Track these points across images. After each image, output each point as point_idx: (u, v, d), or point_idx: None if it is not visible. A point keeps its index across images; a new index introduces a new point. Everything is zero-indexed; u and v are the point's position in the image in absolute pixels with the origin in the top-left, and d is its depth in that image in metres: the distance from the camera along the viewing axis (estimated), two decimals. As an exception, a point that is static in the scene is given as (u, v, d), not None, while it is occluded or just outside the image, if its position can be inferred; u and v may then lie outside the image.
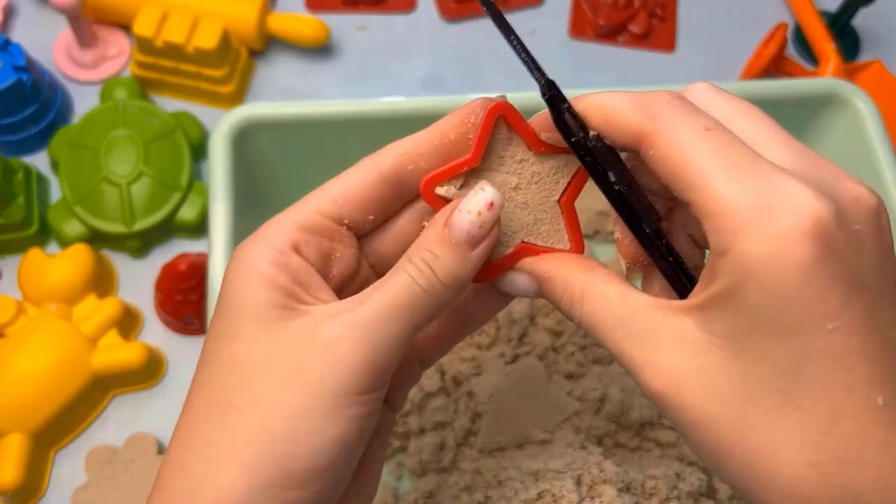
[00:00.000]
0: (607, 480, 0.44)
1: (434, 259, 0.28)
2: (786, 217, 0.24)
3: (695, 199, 0.25)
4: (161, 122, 0.57)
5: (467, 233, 0.28)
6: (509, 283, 0.31)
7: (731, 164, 0.25)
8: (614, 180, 0.28)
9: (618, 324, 0.28)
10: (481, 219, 0.28)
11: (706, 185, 0.25)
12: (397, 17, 0.67)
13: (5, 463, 0.48)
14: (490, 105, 0.30)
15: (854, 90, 0.50)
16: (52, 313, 0.52)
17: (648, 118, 0.27)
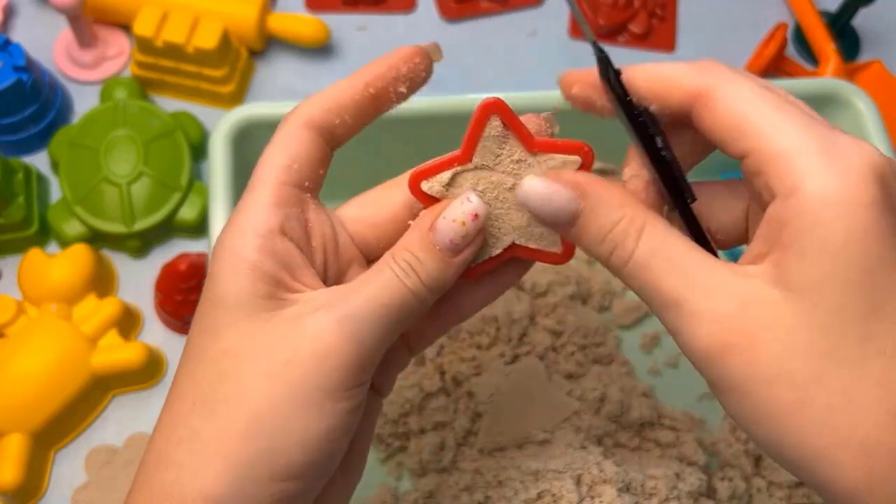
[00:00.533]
0: (607, 480, 0.44)
1: (417, 263, 0.28)
2: (853, 159, 0.24)
3: (758, 146, 0.25)
4: (161, 122, 0.57)
5: (450, 241, 0.28)
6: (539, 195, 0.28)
7: (793, 116, 0.25)
8: (661, 146, 0.28)
9: (679, 269, 0.26)
10: (465, 228, 0.28)
11: (773, 130, 0.25)
12: (397, 17, 0.67)
13: (5, 463, 0.48)
14: (482, 102, 0.29)
15: (854, 90, 0.50)
16: (52, 313, 0.52)
17: (707, 76, 0.27)
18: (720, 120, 0.26)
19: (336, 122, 0.31)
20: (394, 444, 0.49)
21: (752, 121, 0.26)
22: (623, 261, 0.27)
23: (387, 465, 0.49)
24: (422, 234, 0.29)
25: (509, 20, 0.67)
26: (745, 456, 0.49)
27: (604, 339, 0.52)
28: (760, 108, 0.26)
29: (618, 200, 0.27)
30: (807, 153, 0.25)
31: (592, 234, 0.28)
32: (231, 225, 0.29)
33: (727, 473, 0.49)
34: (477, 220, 0.28)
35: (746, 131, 0.26)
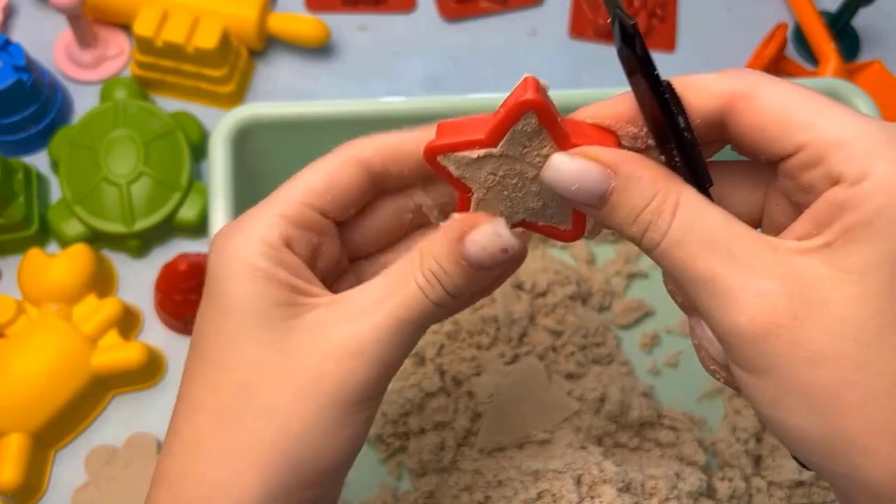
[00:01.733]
0: (607, 480, 0.44)
1: (443, 275, 0.28)
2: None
3: (817, 136, 0.25)
4: (161, 122, 0.57)
5: (478, 262, 0.28)
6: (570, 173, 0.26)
7: (842, 108, 0.25)
8: (684, 126, 0.26)
9: (717, 244, 0.25)
10: (495, 260, 0.28)
11: (830, 120, 0.25)
12: (397, 17, 0.67)
13: (5, 463, 0.48)
14: (520, 99, 0.27)
15: (854, 90, 0.50)
16: (52, 313, 0.52)
17: (740, 80, 0.26)
18: (766, 117, 0.25)
19: (393, 171, 0.30)
20: (394, 444, 0.49)
21: (805, 114, 0.25)
22: (656, 240, 0.26)
23: (387, 465, 0.49)
24: (451, 246, 0.28)
25: (509, 20, 0.67)
26: (745, 456, 0.49)
27: (604, 339, 0.52)
28: (808, 102, 0.25)
29: (650, 176, 0.26)
30: (873, 141, 0.24)
31: (624, 214, 0.26)
32: (237, 228, 0.29)
33: (727, 473, 0.49)
34: (506, 253, 0.28)
35: (800, 124, 0.25)
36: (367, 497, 0.48)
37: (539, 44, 0.66)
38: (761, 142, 0.26)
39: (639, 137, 0.28)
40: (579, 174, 0.26)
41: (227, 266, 0.28)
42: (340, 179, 0.29)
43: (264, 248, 0.28)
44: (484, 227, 0.28)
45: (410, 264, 0.28)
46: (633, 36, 0.25)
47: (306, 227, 0.29)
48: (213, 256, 0.29)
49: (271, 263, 0.28)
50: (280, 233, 0.28)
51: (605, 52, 0.66)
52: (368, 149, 0.30)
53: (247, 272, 0.28)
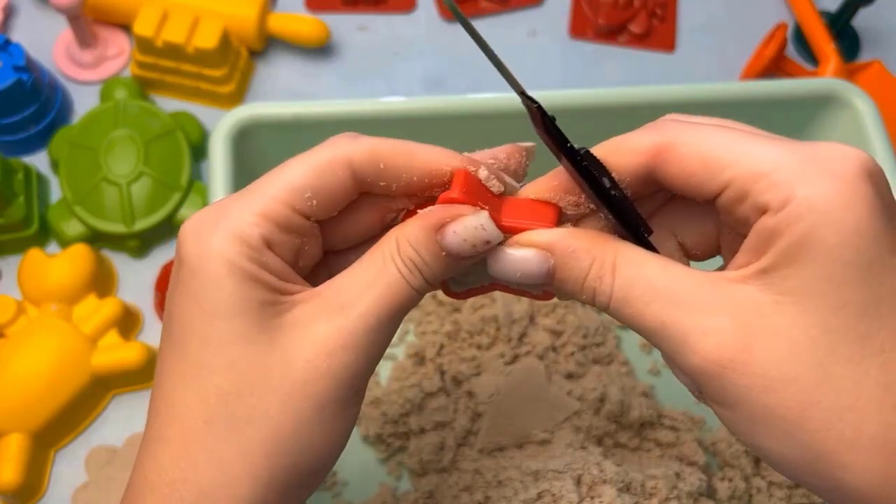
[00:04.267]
0: (607, 480, 0.44)
1: (422, 263, 0.28)
2: (837, 162, 0.24)
3: (739, 172, 0.25)
4: (161, 122, 0.57)
5: (457, 254, 0.28)
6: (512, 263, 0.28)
7: (762, 139, 0.26)
8: (609, 186, 0.27)
9: (659, 293, 0.26)
10: (474, 250, 0.28)
11: (750, 154, 0.25)
12: (397, 17, 0.67)
13: (5, 463, 0.48)
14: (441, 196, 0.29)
15: (854, 90, 0.50)
16: (52, 313, 0.52)
17: (661, 132, 0.27)
18: (689, 163, 0.26)
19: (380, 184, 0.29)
20: (394, 444, 0.49)
21: (725, 152, 0.26)
22: (605, 302, 0.27)
23: (387, 465, 0.49)
24: (429, 236, 0.28)
25: (509, 20, 0.67)
26: (745, 456, 0.49)
27: (604, 339, 0.52)
28: (728, 140, 0.26)
29: (584, 246, 0.27)
30: (792, 164, 0.25)
31: (570, 286, 0.28)
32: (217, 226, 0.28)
33: (727, 473, 0.49)
34: (488, 245, 0.28)
35: (721, 163, 0.26)
36: (367, 497, 0.48)
37: (539, 44, 0.66)
38: (691, 186, 0.27)
39: (580, 204, 0.29)
40: (520, 262, 0.28)
41: (208, 264, 0.27)
42: (327, 183, 0.28)
43: (246, 248, 0.27)
44: (467, 219, 0.28)
45: (388, 251, 0.28)
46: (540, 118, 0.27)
47: (289, 230, 0.28)
48: (190, 250, 0.28)
49: (254, 265, 0.27)
50: (261, 234, 0.28)
51: (606, 52, 0.66)
52: (361, 154, 0.29)
53: (230, 273, 0.27)
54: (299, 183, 0.28)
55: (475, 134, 0.50)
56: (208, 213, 0.28)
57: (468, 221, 0.28)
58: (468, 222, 0.28)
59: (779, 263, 0.24)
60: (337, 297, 0.28)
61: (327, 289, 0.28)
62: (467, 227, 0.28)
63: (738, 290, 0.25)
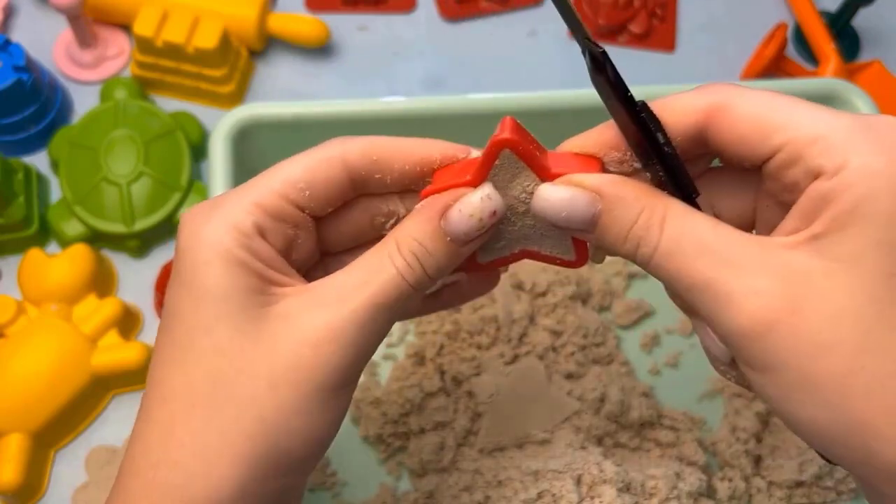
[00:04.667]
0: (607, 480, 0.44)
1: (425, 254, 0.28)
2: (890, 133, 0.25)
3: (794, 135, 0.25)
4: (161, 122, 0.57)
5: (464, 234, 0.28)
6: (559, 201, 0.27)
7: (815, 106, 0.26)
8: (663, 142, 0.27)
9: (708, 250, 0.26)
10: (482, 224, 0.28)
11: (804, 119, 0.25)
12: (397, 17, 0.67)
13: (5, 463, 0.48)
14: (495, 139, 0.28)
15: (854, 90, 0.50)
16: (52, 313, 0.52)
17: (715, 94, 0.27)
18: (743, 124, 0.26)
19: (375, 177, 0.30)
20: (394, 444, 0.49)
21: (779, 116, 0.26)
22: (649, 254, 0.27)
23: (387, 465, 0.49)
24: (432, 223, 0.28)
25: (509, 20, 0.67)
26: (745, 456, 0.49)
27: (604, 339, 0.52)
28: (782, 105, 0.26)
29: (634, 194, 0.27)
30: (847, 131, 0.25)
31: (615, 234, 0.27)
32: (211, 210, 0.28)
33: (727, 473, 0.49)
34: (494, 216, 0.28)
35: (776, 126, 0.26)
36: (367, 497, 0.48)
37: (539, 44, 0.66)
38: (742, 149, 0.27)
39: (624, 161, 0.29)
40: (567, 202, 0.27)
41: (199, 250, 0.28)
42: (321, 176, 0.29)
43: (237, 234, 0.28)
44: (471, 195, 0.28)
45: (386, 250, 0.28)
46: (603, 63, 0.26)
47: (282, 219, 0.29)
48: (184, 238, 0.28)
49: (244, 251, 0.28)
50: (253, 221, 0.28)
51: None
52: (355, 150, 0.29)
53: (219, 258, 0.27)
54: (294, 175, 0.29)
55: (475, 134, 0.50)
56: (205, 204, 0.29)
57: (472, 196, 0.28)
58: (472, 197, 0.28)
59: (831, 229, 0.24)
60: (329, 292, 0.28)
61: (320, 284, 0.28)
62: (472, 201, 0.28)
63: (788, 255, 0.25)
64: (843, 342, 0.24)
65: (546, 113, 0.48)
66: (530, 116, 0.48)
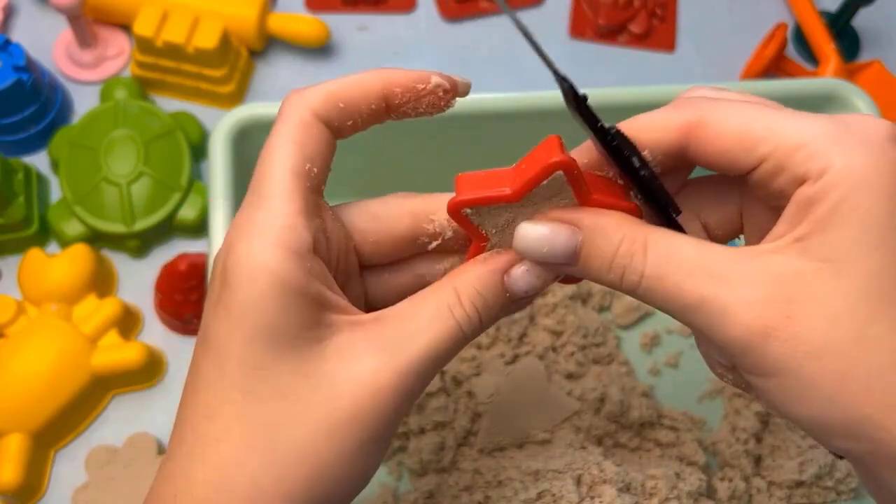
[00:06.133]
0: (607, 480, 0.44)
1: (485, 306, 0.28)
2: (869, 130, 0.25)
3: (775, 145, 0.26)
4: (161, 122, 0.57)
5: (525, 292, 0.28)
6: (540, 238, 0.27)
7: (792, 113, 0.26)
8: (638, 166, 0.27)
9: (695, 269, 0.26)
10: (544, 284, 0.28)
11: (784, 129, 0.26)
12: (397, 17, 0.67)
13: (5, 463, 0.48)
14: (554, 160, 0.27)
15: (854, 90, 0.50)
16: (52, 313, 0.52)
17: (691, 109, 0.27)
18: (724, 140, 0.26)
19: (347, 123, 0.29)
20: (394, 444, 0.49)
21: (759, 127, 0.26)
22: (636, 281, 0.27)
23: (387, 465, 0.49)
24: (495, 278, 0.28)
25: (509, 20, 0.67)
26: (745, 456, 0.49)
27: (604, 339, 0.52)
28: (761, 116, 0.26)
29: (614, 223, 0.27)
30: (827, 135, 0.25)
31: (598, 264, 0.27)
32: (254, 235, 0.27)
33: (727, 473, 0.49)
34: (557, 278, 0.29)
35: (757, 138, 0.26)
36: (367, 497, 0.48)
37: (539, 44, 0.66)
38: (725, 163, 0.27)
39: None
40: (546, 238, 0.27)
41: (248, 279, 0.26)
42: (315, 147, 0.28)
43: (292, 257, 0.26)
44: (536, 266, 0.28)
45: (446, 297, 0.28)
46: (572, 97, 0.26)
47: (316, 216, 0.28)
48: (233, 264, 0.26)
49: (301, 276, 0.26)
50: (306, 236, 0.27)
51: (606, 52, 0.66)
52: (322, 100, 0.29)
53: (273, 287, 0.26)
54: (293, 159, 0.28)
55: (475, 134, 0.50)
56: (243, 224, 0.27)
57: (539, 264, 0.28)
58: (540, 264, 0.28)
59: (815, 230, 0.25)
60: (386, 334, 0.27)
61: (376, 322, 0.28)
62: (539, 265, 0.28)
63: (776, 260, 0.25)
64: (839, 341, 0.24)
65: (546, 113, 0.48)
66: (530, 116, 0.48)
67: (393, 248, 0.31)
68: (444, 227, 0.31)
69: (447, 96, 0.30)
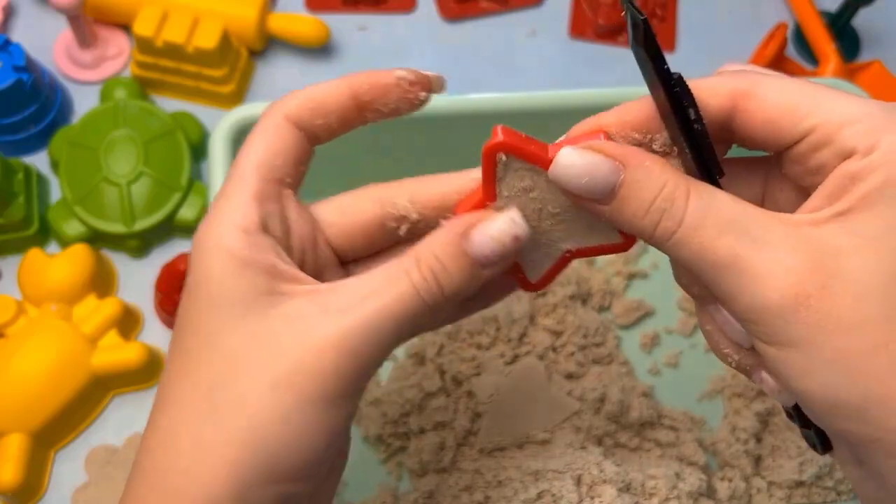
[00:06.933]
0: (607, 480, 0.44)
1: (444, 272, 0.28)
2: None
3: (824, 118, 0.26)
4: (161, 122, 0.57)
5: (486, 256, 0.28)
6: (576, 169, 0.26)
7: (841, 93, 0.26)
8: (694, 118, 0.27)
9: (734, 225, 0.25)
10: (504, 248, 0.28)
11: (834, 104, 0.26)
12: (397, 17, 0.67)
13: (5, 463, 0.48)
14: (486, 146, 0.27)
15: (854, 90, 0.50)
16: (52, 313, 0.52)
17: (742, 78, 0.27)
18: (773, 110, 0.26)
19: (318, 123, 0.30)
20: (394, 444, 0.49)
21: (808, 101, 0.26)
22: (671, 229, 0.26)
23: (387, 465, 0.49)
24: (453, 243, 0.28)
25: (509, 20, 0.67)
26: (745, 456, 0.49)
27: (604, 339, 0.52)
28: (810, 91, 0.26)
29: (660, 166, 0.26)
30: (876, 116, 0.25)
31: (636, 206, 0.26)
32: (212, 219, 0.29)
33: (727, 473, 0.49)
34: (517, 241, 0.28)
35: (806, 110, 0.26)
36: (367, 497, 0.48)
37: (539, 44, 0.66)
38: (770, 133, 0.27)
39: (642, 144, 0.28)
40: (589, 167, 0.26)
41: (204, 256, 0.28)
42: (281, 143, 0.30)
43: (240, 233, 0.28)
44: (499, 217, 0.28)
45: (405, 263, 0.28)
46: (643, 31, 0.26)
47: (272, 202, 0.29)
48: (194, 247, 0.29)
49: (248, 248, 0.28)
50: (253, 215, 0.28)
51: (606, 52, 0.66)
52: (293, 106, 0.30)
53: (224, 260, 0.27)
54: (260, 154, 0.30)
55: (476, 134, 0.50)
56: (207, 213, 0.29)
57: (497, 219, 0.28)
58: (497, 220, 0.28)
59: (858, 207, 0.25)
60: (338, 298, 0.27)
61: (330, 287, 0.28)
62: (495, 224, 0.28)
63: (815, 232, 0.25)
64: (869, 319, 0.24)
65: (546, 113, 0.48)
66: (530, 116, 0.48)
67: (364, 237, 0.32)
68: (407, 209, 0.31)
69: (414, 89, 0.31)
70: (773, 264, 0.25)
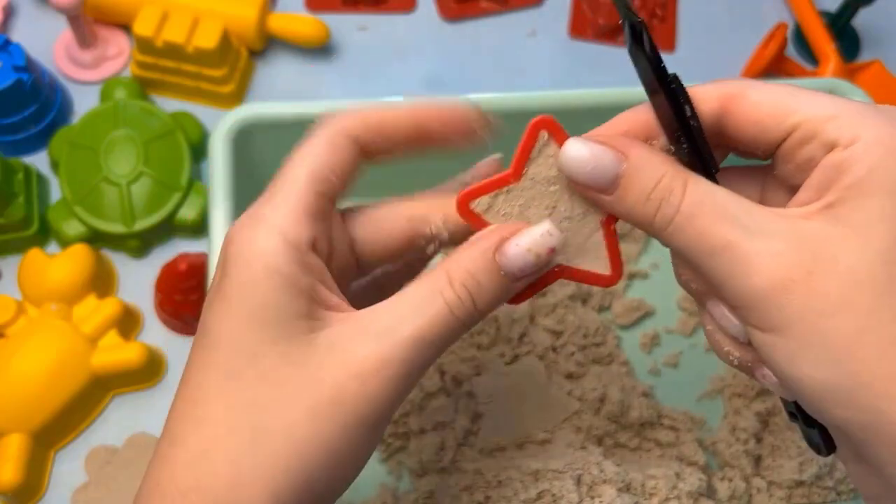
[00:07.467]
0: (607, 480, 0.44)
1: (477, 288, 0.28)
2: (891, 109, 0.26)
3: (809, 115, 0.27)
4: (161, 122, 0.57)
5: (520, 269, 0.28)
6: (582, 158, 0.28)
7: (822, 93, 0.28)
8: (690, 115, 0.28)
9: (728, 214, 0.26)
10: (538, 260, 0.28)
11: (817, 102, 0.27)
12: (397, 17, 0.67)
13: (5, 463, 0.48)
14: (534, 119, 0.28)
15: (854, 90, 0.50)
16: (52, 313, 0.52)
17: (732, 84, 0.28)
18: (759, 110, 0.27)
19: (377, 144, 0.30)
20: (394, 444, 0.49)
21: (792, 100, 0.27)
22: (669, 216, 0.27)
23: (387, 465, 0.49)
24: (486, 259, 0.28)
25: (509, 20, 0.67)
26: (745, 456, 0.49)
27: (604, 339, 0.52)
28: (794, 91, 0.27)
29: (659, 158, 0.28)
30: (858, 110, 0.26)
31: (636, 195, 0.27)
32: (256, 225, 0.28)
33: (727, 473, 0.49)
34: (552, 254, 0.28)
35: (791, 108, 0.27)
36: (367, 497, 0.48)
37: (539, 44, 0.66)
38: (759, 132, 0.28)
39: None
40: (594, 157, 0.27)
41: (245, 267, 0.27)
42: (338, 158, 0.29)
43: (290, 249, 0.27)
44: (534, 229, 0.28)
45: (436, 282, 0.28)
46: (640, 33, 0.26)
47: (323, 219, 0.29)
48: (233, 252, 0.27)
49: (296, 268, 0.27)
50: (305, 233, 0.28)
51: (605, 52, 0.66)
52: (356, 123, 0.30)
53: (270, 276, 0.27)
54: (315, 166, 0.29)
55: (475, 134, 0.50)
56: (251, 214, 0.28)
57: (532, 230, 0.28)
58: (532, 231, 0.28)
59: (844, 197, 0.25)
60: (375, 322, 0.27)
61: (367, 313, 0.28)
62: (531, 235, 0.28)
63: (804, 223, 0.26)
64: (855, 303, 0.25)
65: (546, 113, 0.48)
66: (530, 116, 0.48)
67: (390, 251, 0.32)
68: (439, 228, 0.31)
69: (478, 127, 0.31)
70: (764, 250, 0.26)
